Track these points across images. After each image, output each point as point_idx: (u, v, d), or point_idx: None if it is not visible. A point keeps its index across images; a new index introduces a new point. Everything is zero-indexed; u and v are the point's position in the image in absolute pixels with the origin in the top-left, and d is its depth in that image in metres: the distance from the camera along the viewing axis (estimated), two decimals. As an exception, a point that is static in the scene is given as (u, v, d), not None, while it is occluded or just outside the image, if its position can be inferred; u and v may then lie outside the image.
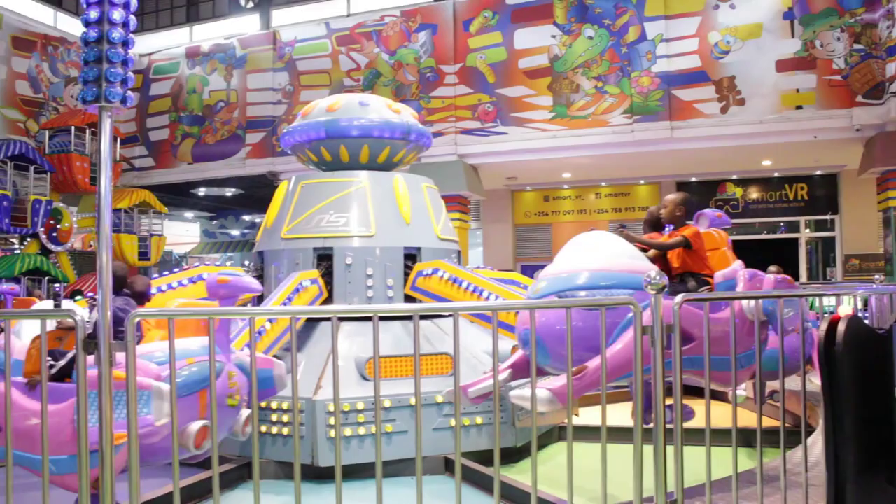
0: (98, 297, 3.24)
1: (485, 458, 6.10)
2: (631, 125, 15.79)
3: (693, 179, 19.21)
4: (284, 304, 7.07)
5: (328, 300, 7.71)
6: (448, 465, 6.53)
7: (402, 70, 17.61)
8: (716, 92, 15.50)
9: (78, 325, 3.16)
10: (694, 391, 5.38)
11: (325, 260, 7.94)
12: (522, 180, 19.49)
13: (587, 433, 6.52)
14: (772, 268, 9.98)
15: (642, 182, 19.60)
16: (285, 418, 6.66)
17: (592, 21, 16.34)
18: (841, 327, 2.92)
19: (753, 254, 17.94)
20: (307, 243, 8.01)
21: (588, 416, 6.96)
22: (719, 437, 4.17)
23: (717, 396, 6.82)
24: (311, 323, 7.51)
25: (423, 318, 7.53)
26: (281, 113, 18.53)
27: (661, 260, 5.85)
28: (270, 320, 6.56)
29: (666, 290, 3.34)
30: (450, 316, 6.20)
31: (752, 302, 4.25)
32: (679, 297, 3.38)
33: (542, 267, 5.66)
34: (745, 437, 6.08)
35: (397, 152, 8.68)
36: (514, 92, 16.59)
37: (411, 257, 8.08)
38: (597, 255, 4.87)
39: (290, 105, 18.27)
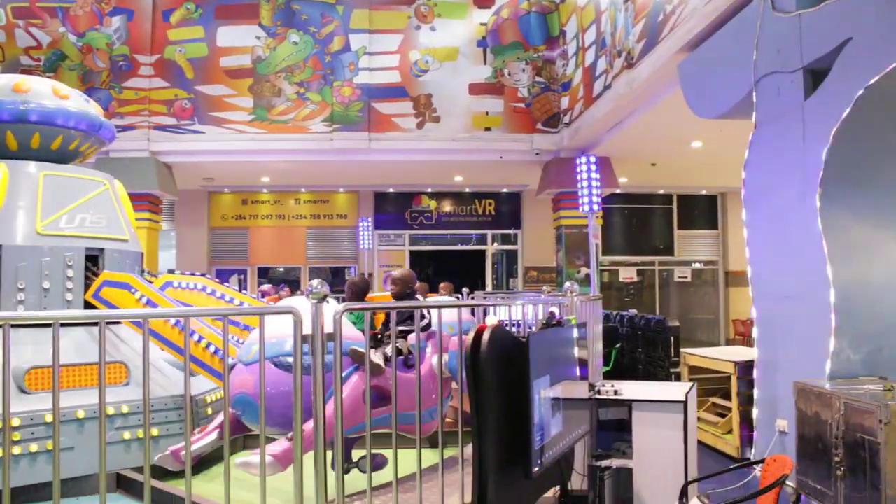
0: None
1: (162, 471, 5.81)
2: (331, 133, 15.95)
3: (390, 190, 19.83)
4: None
5: None
6: (121, 482, 6.11)
7: (92, 55, 16.23)
8: (413, 108, 16.19)
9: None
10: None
11: None
12: (220, 182, 18.86)
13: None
14: (443, 283, 10.57)
15: (342, 190, 19.85)
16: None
17: (298, 27, 16.30)
18: (485, 336, 3.11)
19: (447, 264, 19.14)
20: None
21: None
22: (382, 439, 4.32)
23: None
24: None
25: (89, 325, 7.02)
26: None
27: None
28: None
29: None
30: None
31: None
32: (341, 307, 3.42)
33: (238, 271, 5.60)
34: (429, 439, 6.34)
35: (70, 141, 7.87)
36: (213, 90, 16.01)
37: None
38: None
39: (-51, 80, 16.08)
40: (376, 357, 5.01)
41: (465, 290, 10.60)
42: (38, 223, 7.21)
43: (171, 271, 9.12)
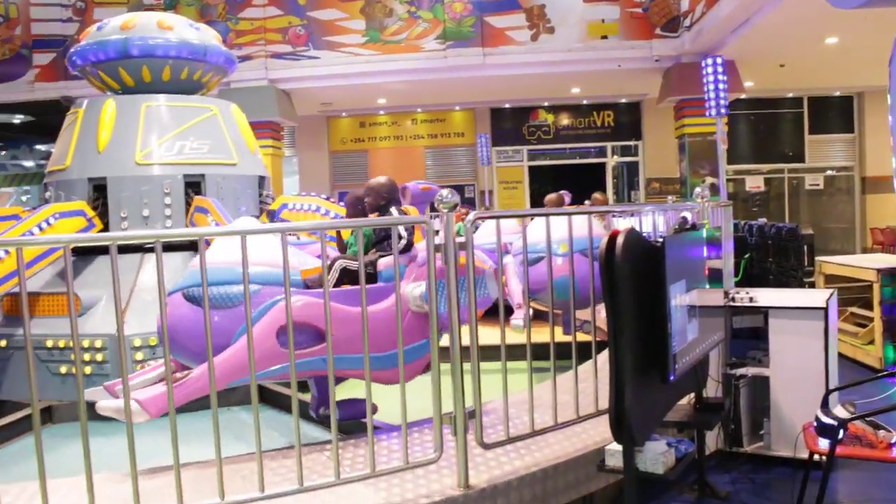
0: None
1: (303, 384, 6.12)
2: (444, 51, 15.78)
3: (507, 106, 19.60)
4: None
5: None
6: (264, 394, 6.45)
7: (207, -12, 16.56)
8: (526, 20, 15.75)
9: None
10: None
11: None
12: (337, 106, 19.10)
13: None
14: (596, 194, 10.40)
15: (457, 108, 19.76)
16: (86, 357, 6.36)
17: (406, -57, 16.07)
18: (620, 240, 3.06)
19: (566, 178, 18.88)
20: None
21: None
22: (519, 352, 4.34)
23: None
24: (88, 256, 7.17)
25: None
26: (73, 32, 16.88)
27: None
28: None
29: None
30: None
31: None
32: (471, 215, 3.44)
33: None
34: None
35: (179, 72, 8.08)
36: (325, 15, 16.03)
37: (101, 188, 7.53)
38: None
39: (82, 23, 16.69)
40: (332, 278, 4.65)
41: (586, 202, 10.44)
42: (138, 154, 7.53)
43: (301, 194, 9.33)
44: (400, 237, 4.38)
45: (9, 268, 6.41)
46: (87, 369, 6.28)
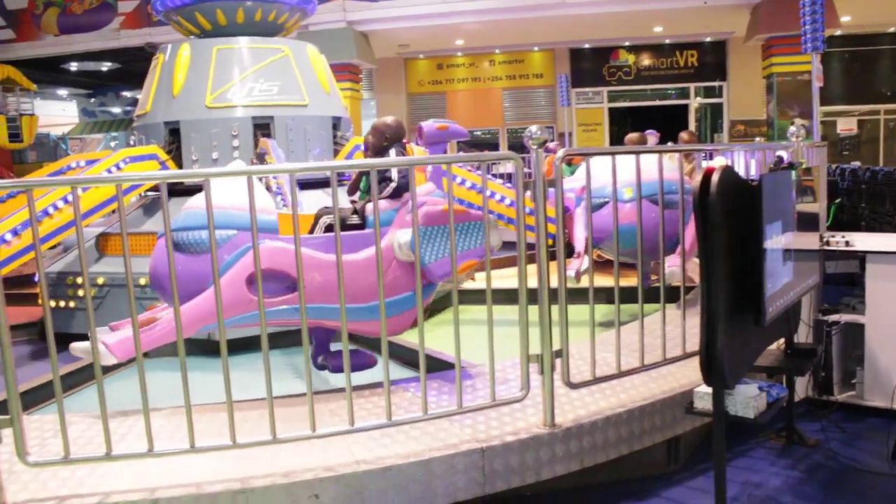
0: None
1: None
2: (522, -12, 15.47)
3: (586, 46, 19.18)
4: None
5: None
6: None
7: (286, -70, 16.47)
8: (609, -47, 15.29)
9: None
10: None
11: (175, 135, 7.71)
12: (415, 48, 19.01)
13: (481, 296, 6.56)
14: (683, 134, 10.11)
15: (536, 49, 19.43)
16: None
17: None
18: (715, 177, 2.96)
19: (647, 120, 18.45)
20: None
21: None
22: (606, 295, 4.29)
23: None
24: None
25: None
26: (156, -23, 17.13)
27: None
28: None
29: None
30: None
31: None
32: (561, 152, 3.37)
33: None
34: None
35: (253, 14, 8.11)
36: (403, -46, 15.91)
37: (175, 132, 7.69)
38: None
39: (164, -31, 16.90)
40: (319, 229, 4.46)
41: (669, 144, 10.17)
42: (208, 97, 7.63)
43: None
44: (390, 180, 4.25)
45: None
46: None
